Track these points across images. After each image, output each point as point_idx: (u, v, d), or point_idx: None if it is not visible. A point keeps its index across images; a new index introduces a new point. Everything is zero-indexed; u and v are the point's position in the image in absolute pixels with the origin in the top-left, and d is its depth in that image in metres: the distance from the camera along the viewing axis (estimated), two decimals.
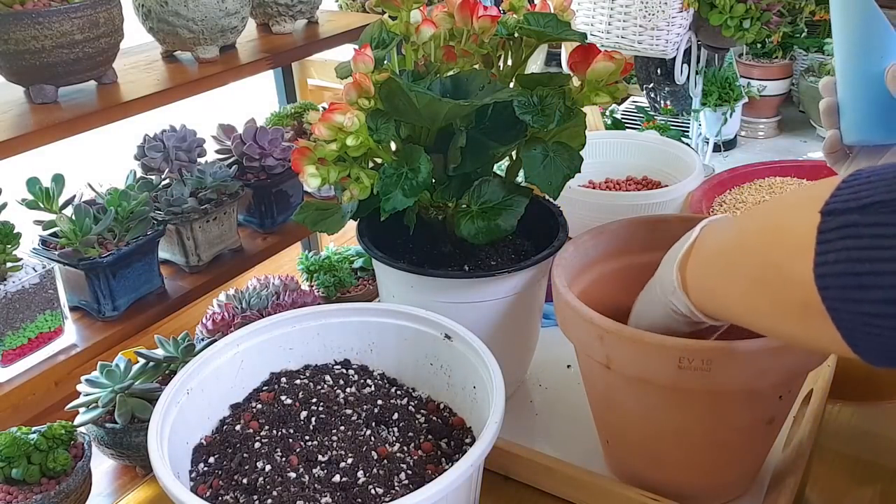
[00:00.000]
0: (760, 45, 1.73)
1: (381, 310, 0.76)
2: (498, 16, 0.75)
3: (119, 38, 1.19)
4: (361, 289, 1.68)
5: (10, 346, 1.08)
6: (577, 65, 0.72)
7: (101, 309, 1.21)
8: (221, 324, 1.26)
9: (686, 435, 0.67)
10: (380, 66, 0.73)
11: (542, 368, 0.91)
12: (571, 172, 0.74)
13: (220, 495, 0.62)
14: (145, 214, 1.24)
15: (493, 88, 0.72)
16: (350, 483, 0.62)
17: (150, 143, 1.32)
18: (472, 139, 0.74)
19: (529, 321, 0.84)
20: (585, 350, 0.69)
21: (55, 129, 1.08)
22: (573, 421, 0.83)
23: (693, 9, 1.28)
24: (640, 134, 1.28)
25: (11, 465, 0.89)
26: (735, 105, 1.54)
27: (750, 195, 1.17)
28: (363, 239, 0.80)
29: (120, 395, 1.06)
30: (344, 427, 0.68)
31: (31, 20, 1.05)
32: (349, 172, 0.72)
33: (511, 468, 0.77)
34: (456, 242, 0.80)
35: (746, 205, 1.14)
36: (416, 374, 0.75)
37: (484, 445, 0.58)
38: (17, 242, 1.09)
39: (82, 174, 1.29)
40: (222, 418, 0.71)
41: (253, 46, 1.42)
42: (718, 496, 0.73)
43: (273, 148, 1.46)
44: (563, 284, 0.70)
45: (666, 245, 0.80)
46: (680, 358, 0.60)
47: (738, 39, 1.30)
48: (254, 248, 1.47)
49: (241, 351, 0.72)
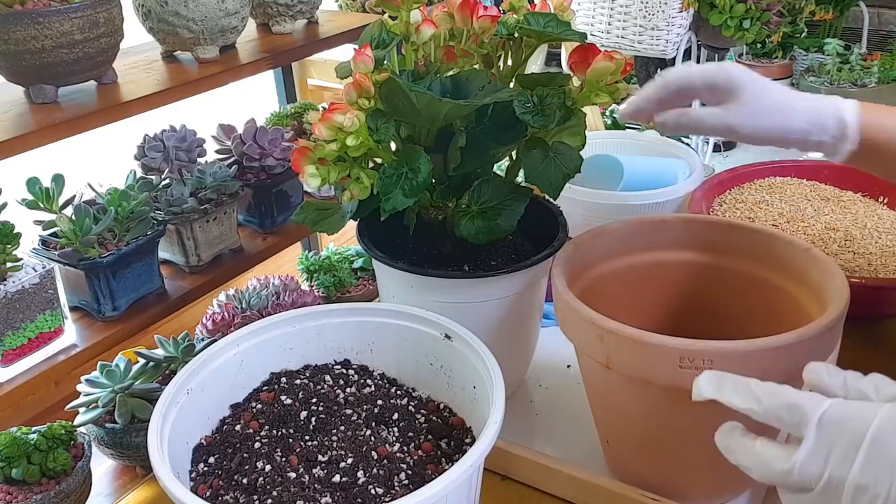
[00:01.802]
0: (760, 45, 1.73)
1: (380, 310, 0.76)
2: (498, 16, 0.75)
3: (119, 38, 1.19)
4: (361, 289, 1.68)
5: (10, 346, 1.08)
6: (577, 65, 0.72)
7: (101, 309, 1.21)
8: (221, 324, 1.27)
9: (686, 435, 0.67)
10: (380, 66, 0.73)
11: (542, 368, 0.91)
12: (571, 172, 0.74)
13: (220, 495, 0.62)
14: (145, 214, 1.24)
15: (493, 88, 0.72)
16: (350, 483, 0.62)
17: (150, 143, 1.32)
18: (472, 139, 0.74)
19: (529, 321, 0.84)
20: (585, 350, 0.69)
21: (55, 129, 1.08)
22: (573, 421, 0.83)
23: (693, 9, 1.28)
24: (640, 134, 1.28)
25: (11, 465, 0.89)
26: None
27: (750, 195, 1.17)
28: (363, 239, 0.80)
29: (120, 395, 1.06)
30: (344, 427, 0.68)
31: (31, 20, 1.05)
32: (349, 172, 0.72)
33: (511, 468, 0.77)
34: (456, 242, 0.80)
35: (746, 205, 1.14)
36: (416, 374, 0.75)
37: (484, 445, 0.58)
38: (17, 242, 1.09)
39: (82, 174, 1.29)
40: (222, 418, 0.71)
41: (253, 46, 1.42)
42: (718, 496, 0.73)
43: (273, 148, 1.46)
44: (563, 284, 0.70)
45: (666, 245, 0.81)
46: (680, 358, 0.60)
47: (738, 39, 1.30)
48: (254, 248, 1.47)
49: (241, 351, 0.72)
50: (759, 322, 0.74)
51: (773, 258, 0.76)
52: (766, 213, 1.12)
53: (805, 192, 1.17)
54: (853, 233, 1.05)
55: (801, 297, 0.73)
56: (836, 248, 1.03)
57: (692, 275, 0.81)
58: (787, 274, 0.75)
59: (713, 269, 0.80)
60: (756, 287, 0.77)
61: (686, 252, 0.81)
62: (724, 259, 0.80)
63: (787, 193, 1.17)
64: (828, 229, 1.07)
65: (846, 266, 0.99)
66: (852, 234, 1.05)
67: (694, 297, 0.81)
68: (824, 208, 1.12)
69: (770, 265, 0.76)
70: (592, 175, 1.05)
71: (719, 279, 0.80)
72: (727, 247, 0.79)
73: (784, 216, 1.11)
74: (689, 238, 0.81)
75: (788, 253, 0.75)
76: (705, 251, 0.80)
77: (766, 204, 1.14)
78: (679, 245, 0.81)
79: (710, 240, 0.80)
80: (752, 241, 0.78)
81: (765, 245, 0.77)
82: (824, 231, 1.07)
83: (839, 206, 1.13)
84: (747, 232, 0.79)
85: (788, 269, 0.75)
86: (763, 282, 0.77)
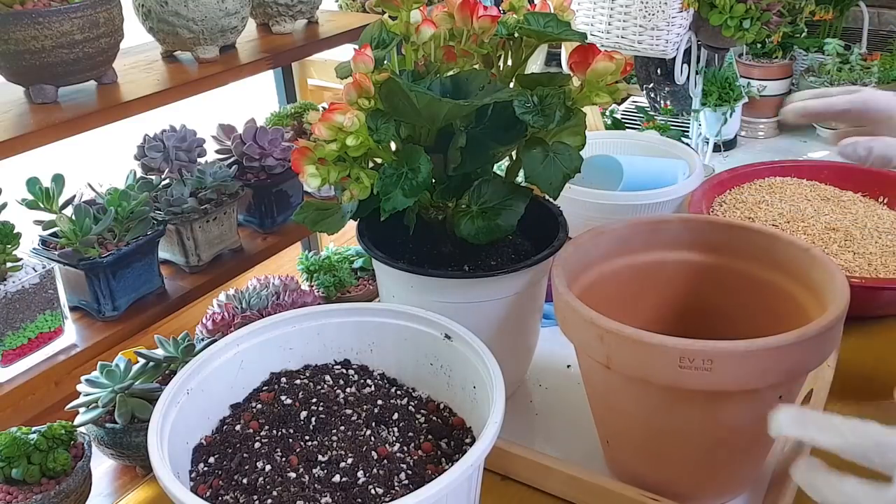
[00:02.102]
0: (760, 45, 1.72)
1: (380, 310, 0.76)
2: (498, 16, 0.75)
3: (119, 38, 1.19)
4: (361, 289, 1.69)
5: (10, 346, 1.08)
6: (577, 65, 0.71)
7: (101, 309, 1.21)
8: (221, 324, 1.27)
9: (686, 435, 0.67)
10: (380, 66, 0.73)
11: (542, 368, 0.91)
12: (571, 172, 0.74)
13: (220, 495, 0.62)
14: (145, 214, 1.24)
15: (493, 88, 0.72)
16: (350, 483, 0.62)
17: (150, 143, 1.32)
18: (472, 139, 0.74)
19: (529, 321, 0.84)
20: (585, 350, 0.69)
21: (55, 129, 1.08)
22: (573, 421, 0.83)
23: (693, 9, 1.28)
24: (640, 134, 1.28)
25: (11, 465, 0.89)
26: (735, 105, 1.54)
27: (750, 195, 1.17)
28: (363, 239, 0.80)
29: (120, 395, 1.06)
30: (344, 427, 0.68)
31: (31, 20, 1.05)
32: (349, 172, 0.72)
33: (511, 468, 0.77)
34: (456, 242, 0.80)
35: (747, 205, 1.14)
36: (416, 374, 0.75)
37: (484, 445, 0.58)
38: (17, 242, 1.09)
39: (82, 174, 1.29)
40: (222, 418, 0.71)
41: (253, 46, 1.42)
42: (718, 496, 0.73)
43: (273, 148, 1.47)
44: (563, 284, 0.70)
45: (666, 245, 0.81)
46: (680, 358, 0.60)
47: (738, 39, 1.30)
48: (254, 248, 1.47)
49: (241, 351, 0.72)
50: (759, 322, 0.74)
51: (773, 258, 0.76)
52: (767, 213, 1.12)
53: (805, 192, 1.17)
54: (853, 233, 1.05)
55: (801, 297, 0.73)
56: (836, 248, 1.03)
57: (692, 275, 0.81)
58: (787, 274, 0.75)
59: (713, 269, 0.80)
60: (756, 287, 0.77)
61: (686, 252, 0.81)
62: (724, 259, 0.80)
63: (787, 193, 1.17)
64: (828, 229, 1.07)
65: (846, 266, 0.99)
66: (852, 234, 1.05)
67: (694, 297, 0.82)
68: (824, 208, 1.12)
69: (770, 265, 0.76)
70: (592, 175, 1.06)
71: (719, 279, 0.80)
72: (727, 247, 0.79)
73: (784, 216, 1.10)
74: (689, 238, 0.81)
75: (788, 253, 0.75)
76: (705, 251, 0.80)
77: (766, 204, 1.14)
78: (679, 245, 0.81)
79: (710, 240, 0.80)
80: (752, 241, 0.78)
81: (765, 245, 0.77)
82: (824, 231, 1.07)
83: (839, 206, 1.13)
84: (747, 232, 0.79)
85: (788, 269, 0.75)
86: (763, 282, 0.77)
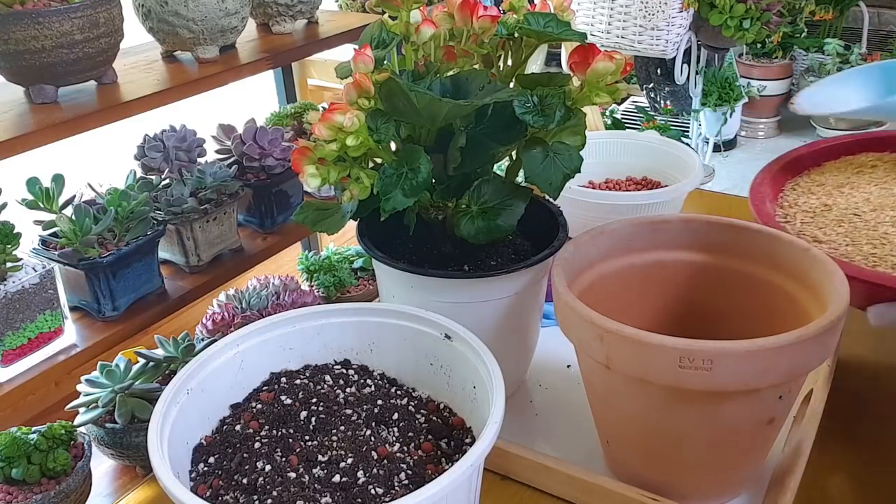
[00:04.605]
0: (760, 45, 1.73)
1: (380, 310, 0.76)
2: (498, 16, 0.75)
3: (119, 38, 1.19)
4: (361, 289, 1.69)
5: (10, 346, 1.08)
6: (577, 65, 0.71)
7: (101, 309, 1.21)
8: (221, 324, 1.27)
9: (686, 435, 0.67)
10: (380, 66, 0.73)
11: (542, 368, 0.91)
12: (571, 172, 0.74)
13: (220, 495, 0.62)
14: (145, 214, 1.24)
15: (493, 88, 0.72)
16: (350, 483, 0.62)
17: (150, 143, 1.32)
18: (472, 139, 0.74)
19: (529, 321, 0.84)
20: (585, 350, 0.69)
21: (55, 129, 1.08)
22: (573, 421, 0.83)
23: (693, 9, 1.28)
24: (640, 134, 1.28)
25: (11, 465, 0.89)
26: (735, 105, 1.54)
27: (832, 176, 0.94)
28: (363, 239, 0.80)
29: (120, 395, 1.06)
30: (344, 427, 0.68)
31: (31, 20, 1.05)
32: (349, 172, 0.72)
33: (511, 468, 0.77)
34: (456, 242, 0.80)
35: (825, 188, 0.92)
36: (416, 374, 0.75)
37: (484, 445, 0.58)
38: (17, 242, 1.09)
39: (82, 174, 1.29)
40: (222, 418, 0.71)
41: (253, 46, 1.42)
42: (718, 496, 0.73)
43: (273, 148, 1.47)
44: (563, 284, 0.70)
45: (666, 245, 0.81)
46: (680, 358, 0.60)
47: (738, 39, 1.30)
48: (254, 248, 1.47)
49: (241, 351, 0.72)
50: (759, 322, 0.74)
51: (773, 258, 0.76)
52: (848, 199, 0.88)
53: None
54: None
55: (801, 297, 0.73)
56: None
57: (692, 275, 0.81)
58: (787, 274, 0.75)
59: (713, 269, 0.80)
60: (756, 287, 0.77)
61: (686, 252, 0.81)
62: (724, 259, 0.80)
63: (878, 174, 0.93)
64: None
65: None
66: None
67: (694, 297, 0.82)
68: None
69: (770, 265, 0.76)
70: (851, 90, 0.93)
71: (719, 279, 0.80)
72: (727, 247, 0.79)
73: (870, 202, 0.87)
74: (690, 238, 0.81)
75: (788, 253, 0.75)
76: (705, 251, 0.81)
77: (850, 186, 0.91)
78: (679, 245, 0.81)
79: (710, 240, 0.80)
80: (752, 241, 0.78)
81: (765, 245, 0.77)
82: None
83: None
84: (747, 232, 0.79)
85: (788, 269, 0.75)
86: (763, 282, 0.77)
